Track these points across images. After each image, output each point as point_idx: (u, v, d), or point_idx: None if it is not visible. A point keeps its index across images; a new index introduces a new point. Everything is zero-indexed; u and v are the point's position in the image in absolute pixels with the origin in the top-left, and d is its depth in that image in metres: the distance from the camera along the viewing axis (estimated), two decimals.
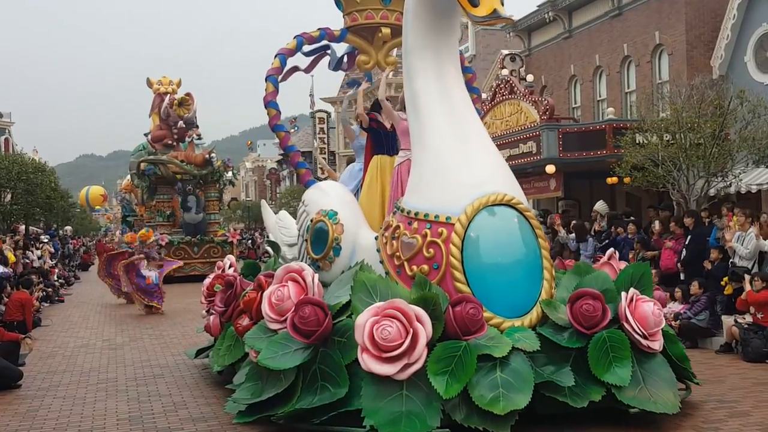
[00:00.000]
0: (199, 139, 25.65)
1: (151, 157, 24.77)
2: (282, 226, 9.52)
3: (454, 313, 6.03)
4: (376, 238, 7.33)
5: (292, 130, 71.72)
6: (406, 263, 6.74)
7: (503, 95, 25.40)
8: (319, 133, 57.36)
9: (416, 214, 6.79)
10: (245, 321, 7.09)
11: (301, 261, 8.19)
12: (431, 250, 6.58)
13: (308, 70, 9.54)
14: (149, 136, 25.98)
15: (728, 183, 18.42)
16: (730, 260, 11.56)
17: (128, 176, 29.48)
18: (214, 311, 8.48)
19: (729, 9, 22.27)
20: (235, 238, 25.51)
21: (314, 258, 7.71)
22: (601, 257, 8.36)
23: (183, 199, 24.98)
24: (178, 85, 26.79)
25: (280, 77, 8.70)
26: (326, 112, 58.29)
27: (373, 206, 8.34)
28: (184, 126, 25.52)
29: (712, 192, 18.56)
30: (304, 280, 6.62)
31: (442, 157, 6.90)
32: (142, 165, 24.74)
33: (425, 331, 5.90)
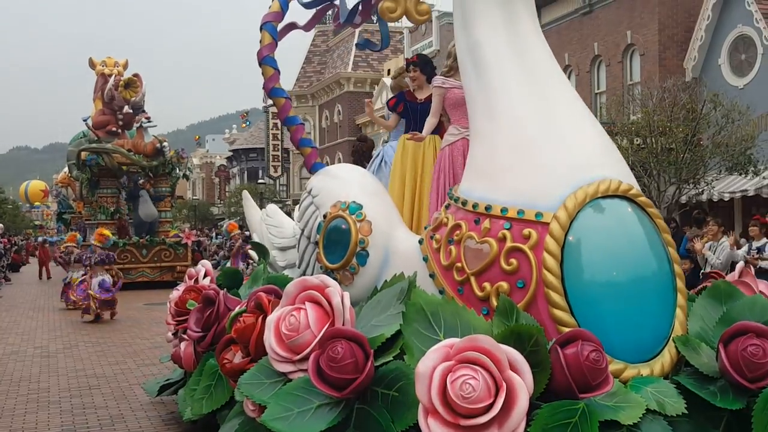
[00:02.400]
0: (149, 122, 23.01)
1: (94, 145, 22.02)
2: (271, 224, 7.36)
3: (567, 357, 4.00)
4: (420, 242, 5.29)
5: (244, 125, 69.27)
6: (473, 279, 4.69)
7: None
8: (272, 129, 55.21)
9: (488, 208, 4.75)
10: (237, 357, 4.97)
11: (304, 272, 6.12)
12: (513, 260, 4.55)
13: (308, 27, 7.43)
14: (89, 121, 23.19)
15: (700, 190, 18.56)
16: (701, 271, 11.13)
17: (65, 168, 26.75)
18: (186, 337, 6.31)
19: (703, 9, 22.29)
20: (190, 239, 22.94)
21: (329, 267, 5.63)
22: None
23: (133, 191, 22.38)
24: (125, 66, 24.05)
25: (279, 27, 6.62)
26: None
27: (397, 201, 6.38)
28: (131, 111, 22.93)
29: (683, 199, 18.54)
30: (330, 301, 4.51)
31: (523, 129, 4.89)
32: (83, 154, 21.97)
33: (525, 384, 3.87)
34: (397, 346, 4.38)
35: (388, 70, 48.19)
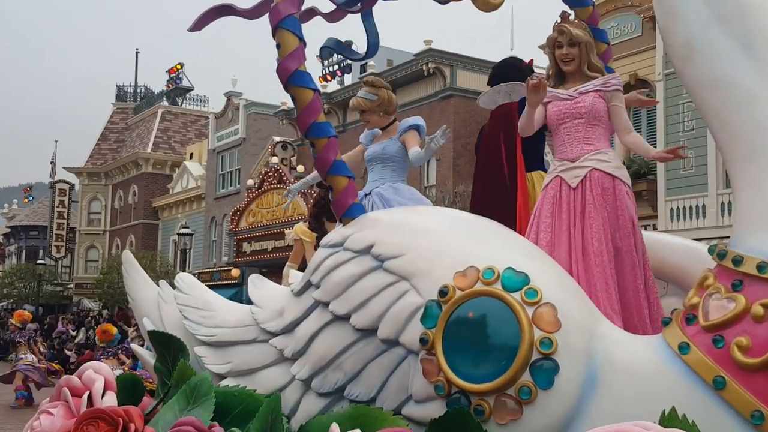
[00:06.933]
0: None
1: None
2: (190, 306, 4.16)
3: None
4: (683, 350, 2.76)
5: (26, 200, 62.59)
6: None
7: (271, 184, 26.92)
8: (58, 206, 50.44)
9: None
10: None
11: (341, 387, 3.31)
12: None
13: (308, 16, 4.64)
14: None
15: None
16: None
17: None
18: None
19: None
20: None
21: (465, 389, 2.82)
22: None
23: None
24: None
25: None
26: (69, 183, 51.36)
27: None
28: None
29: None
30: None
31: None
32: None
33: None
34: None
35: (191, 154, 45.22)
